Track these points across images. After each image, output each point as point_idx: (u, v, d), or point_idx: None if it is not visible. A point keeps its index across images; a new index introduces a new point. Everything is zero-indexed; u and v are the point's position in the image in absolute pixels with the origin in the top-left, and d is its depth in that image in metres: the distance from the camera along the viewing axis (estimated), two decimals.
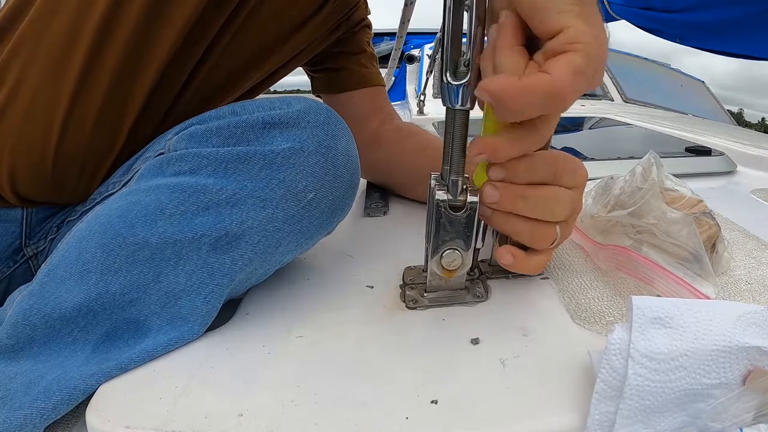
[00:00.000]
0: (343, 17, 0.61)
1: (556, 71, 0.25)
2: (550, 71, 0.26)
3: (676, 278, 0.38)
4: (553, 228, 0.35)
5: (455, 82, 0.31)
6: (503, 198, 0.33)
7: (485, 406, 0.28)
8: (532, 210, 0.34)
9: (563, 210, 0.35)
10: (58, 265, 0.34)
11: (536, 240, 0.35)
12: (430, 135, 0.64)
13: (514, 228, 0.35)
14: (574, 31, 0.26)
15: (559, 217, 0.35)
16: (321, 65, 0.66)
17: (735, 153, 0.86)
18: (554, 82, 0.25)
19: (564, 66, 0.25)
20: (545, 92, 0.26)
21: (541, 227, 0.35)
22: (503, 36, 0.29)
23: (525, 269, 0.37)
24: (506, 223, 0.35)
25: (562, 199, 0.34)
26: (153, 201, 0.34)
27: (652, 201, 0.41)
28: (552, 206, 0.34)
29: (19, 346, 0.33)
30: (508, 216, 0.34)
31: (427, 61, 1.84)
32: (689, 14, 1.49)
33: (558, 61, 0.26)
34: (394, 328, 0.36)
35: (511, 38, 0.29)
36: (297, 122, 0.36)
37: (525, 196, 0.33)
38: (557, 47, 0.26)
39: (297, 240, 0.37)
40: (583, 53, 0.26)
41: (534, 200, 0.33)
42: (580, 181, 0.36)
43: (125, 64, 0.42)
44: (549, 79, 0.26)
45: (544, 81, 0.26)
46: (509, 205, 0.34)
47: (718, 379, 0.25)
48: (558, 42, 0.26)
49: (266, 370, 0.32)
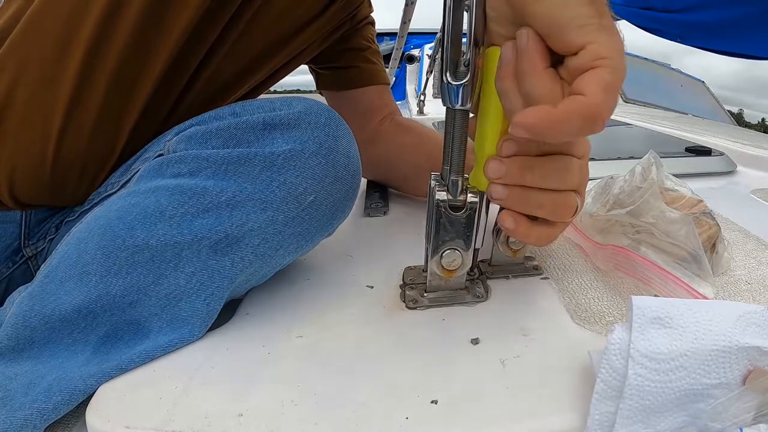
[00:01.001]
0: (347, 16, 0.61)
1: (589, 91, 0.24)
2: (584, 92, 0.24)
3: (674, 278, 0.38)
4: (573, 196, 0.34)
5: (455, 82, 0.30)
6: (510, 169, 0.32)
7: (485, 406, 0.28)
8: (543, 180, 0.32)
9: (573, 177, 0.33)
10: (57, 267, 0.34)
11: (558, 210, 0.34)
12: (430, 129, 0.64)
13: (534, 202, 0.33)
14: (598, 46, 0.25)
15: (570, 185, 0.33)
16: (327, 63, 0.66)
17: (735, 153, 0.86)
18: (590, 104, 0.24)
19: (596, 85, 0.24)
20: (583, 116, 0.24)
21: (562, 196, 0.33)
22: (530, 60, 0.27)
23: (526, 237, 0.35)
24: (526, 201, 0.33)
25: (572, 167, 0.33)
26: (152, 203, 0.34)
27: (651, 200, 0.41)
28: (563, 174, 0.33)
29: (20, 347, 0.33)
30: (524, 192, 0.32)
31: (427, 61, 1.85)
32: (689, 14, 1.49)
33: (589, 81, 0.24)
34: (394, 328, 0.36)
35: (540, 61, 0.27)
36: (298, 123, 0.36)
37: (531, 166, 0.32)
38: (584, 65, 0.25)
39: (297, 242, 0.37)
40: (611, 68, 0.25)
41: (542, 170, 0.32)
42: (585, 150, 0.35)
43: (123, 70, 0.42)
44: (584, 102, 0.24)
45: (580, 105, 0.24)
46: (517, 177, 0.32)
47: (718, 379, 0.25)
48: (584, 59, 0.25)
49: (266, 370, 0.32)
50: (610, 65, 0.25)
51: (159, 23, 0.41)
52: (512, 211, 0.34)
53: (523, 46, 0.27)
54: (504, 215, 0.34)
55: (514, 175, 0.32)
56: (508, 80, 0.29)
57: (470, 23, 0.30)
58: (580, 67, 0.25)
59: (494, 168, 0.32)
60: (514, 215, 0.34)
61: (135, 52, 0.41)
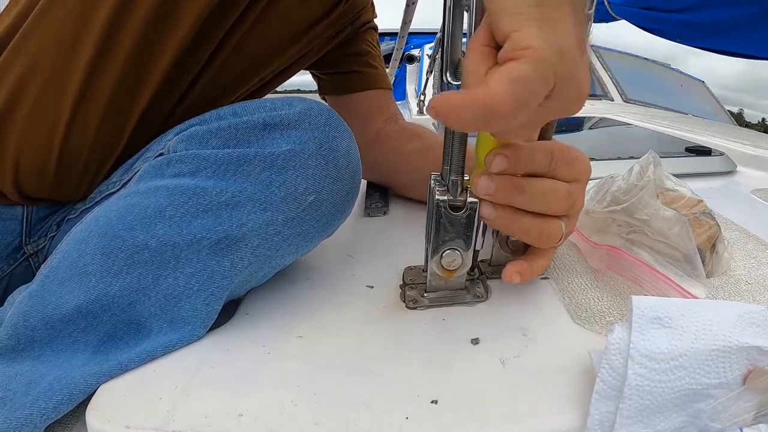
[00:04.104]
0: (350, 20, 0.61)
1: (491, 82, 0.23)
2: (489, 82, 0.23)
3: (664, 279, 0.38)
4: (558, 223, 0.34)
5: (455, 82, 0.31)
6: (499, 189, 0.32)
7: (485, 406, 0.28)
8: (530, 203, 0.32)
9: (560, 204, 0.33)
10: (57, 267, 0.34)
11: (545, 238, 0.34)
12: (435, 135, 0.64)
13: (522, 226, 0.33)
14: (520, 35, 0.23)
15: (555, 210, 0.33)
16: (329, 68, 0.66)
17: (735, 153, 0.86)
18: (489, 94, 0.22)
19: (501, 76, 0.22)
20: (482, 106, 0.22)
21: (549, 223, 0.33)
22: (472, 39, 0.26)
23: (532, 277, 0.37)
24: (514, 223, 0.33)
25: (559, 192, 0.33)
26: (152, 203, 0.34)
27: (646, 197, 0.41)
28: (549, 199, 0.33)
29: (20, 347, 0.33)
30: (514, 214, 0.33)
31: (427, 61, 1.85)
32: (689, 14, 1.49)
33: (499, 72, 0.23)
34: (394, 328, 0.36)
35: (477, 40, 0.26)
36: (298, 124, 0.36)
37: (522, 187, 0.32)
38: (504, 54, 0.24)
39: (297, 243, 0.37)
40: (530, 60, 0.22)
41: (531, 192, 0.32)
42: (579, 173, 0.34)
43: (132, 64, 0.42)
44: (483, 93, 0.22)
45: (480, 94, 0.22)
46: (505, 197, 0.32)
47: (718, 379, 0.25)
48: (506, 48, 0.24)
49: (266, 370, 0.32)
50: (531, 56, 0.22)
51: (168, 19, 0.42)
52: (510, 266, 0.36)
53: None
54: (508, 274, 0.36)
55: (502, 195, 0.32)
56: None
57: (470, 23, 0.30)
58: (502, 57, 0.24)
59: (484, 185, 0.32)
60: (515, 268, 0.36)
61: (144, 47, 0.42)
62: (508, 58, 0.23)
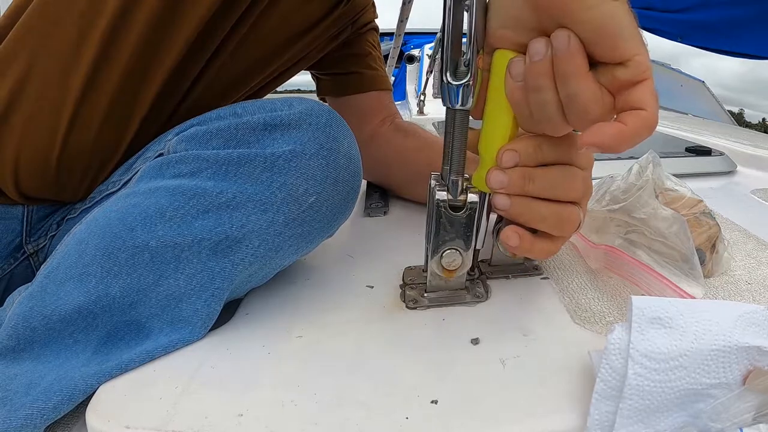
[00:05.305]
0: (350, 20, 0.61)
1: (650, 106, 0.26)
2: (645, 107, 0.26)
3: (661, 278, 0.38)
4: (576, 210, 0.34)
5: (455, 82, 0.31)
6: (512, 180, 0.32)
7: (485, 406, 0.28)
8: (546, 189, 0.33)
9: (577, 188, 0.34)
10: (57, 267, 0.34)
11: (563, 224, 0.34)
12: (431, 134, 0.64)
13: (537, 214, 0.33)
14: (642, 58, 0.26)
15: (573, 196, 0.34)
16: (329, 69, 0.66)
17: (735, 153, 0.86)
18: (652, 117, 0.26)
19: (652, 99, 0.26)
20: (649, 129, 0.26)
21: (565, 209, 0.33)
22: (575, 62, 0.27)
23: (530, 252, 0.35)
24: (528, 211, 0.33)
25: (577, 177, 0.34)
26: (153, 204, 0.34)
27: (645, 197, 0.41)
28: (567, 184, 0.33)
29: (20, 348, 0.33)
30: (527, 202, 0.33)
31: (427, 61, 1.84)
32: (689, 14, 1.49)
33: (647, 95, 0.26)
34: (394, 328, 0.36)
35: (585, 64, 0.27)
36: (298, 124, 0.36)
37: (534, 175, 0.32)
38: (635, 76, 0.26)
39: (297, 244, 0.37)
40: (652, 80, 0.26)
41: (545, 179, 0.32)
42: (589, 161, 0.36)
43: (132, 69, 0.42)
44: (648, 117, 0.26)
45: (646, 121, 0.26)
46: (519, 187, 0.32)
47: (718, 379, 0.25)
48: (634, 71, 0.26)
49: (266, 370, 0.32)
50: (651, 76, 0.27)
51: (172, 19, 0.41)
52: (515, 227, 0.34)
53: (564, 46, 0.27)
54: (507, 233, 0.34)
55: (516, 184, 0.32)
56: (546, 78, 0.28)
57: (470, 23, 0.30)
58: (630, 79, 0.26)
59: (497, 179, 0.32)
60: (518, 230, 0.34)
61: (147, 47, 0.42)
62: (639, 80, 0.26)
